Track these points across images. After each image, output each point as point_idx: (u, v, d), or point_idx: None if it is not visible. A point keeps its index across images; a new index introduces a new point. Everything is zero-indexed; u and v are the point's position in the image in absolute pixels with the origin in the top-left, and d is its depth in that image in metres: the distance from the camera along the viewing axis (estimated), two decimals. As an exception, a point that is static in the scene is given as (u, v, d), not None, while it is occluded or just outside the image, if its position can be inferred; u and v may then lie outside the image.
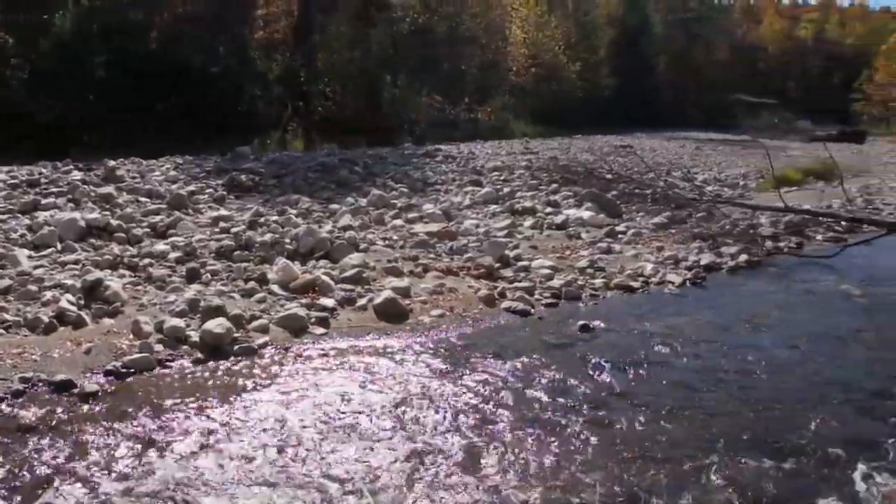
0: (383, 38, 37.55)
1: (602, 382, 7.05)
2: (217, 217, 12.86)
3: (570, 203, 16.32)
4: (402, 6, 38.58)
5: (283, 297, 8.85)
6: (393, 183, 18.39)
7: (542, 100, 49.93)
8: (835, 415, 6.54)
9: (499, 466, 5.39)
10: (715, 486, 5.26)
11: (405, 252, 11.47)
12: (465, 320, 8.71)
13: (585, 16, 61.61)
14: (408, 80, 37.98)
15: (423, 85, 39.30)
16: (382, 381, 6.76)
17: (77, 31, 26.30)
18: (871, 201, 19.75)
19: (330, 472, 5.17)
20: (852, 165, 31.18)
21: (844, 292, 10.99)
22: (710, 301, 10.22)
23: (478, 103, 42.67)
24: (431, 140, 32.63)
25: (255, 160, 20.83)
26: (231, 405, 6.14)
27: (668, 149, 36.97)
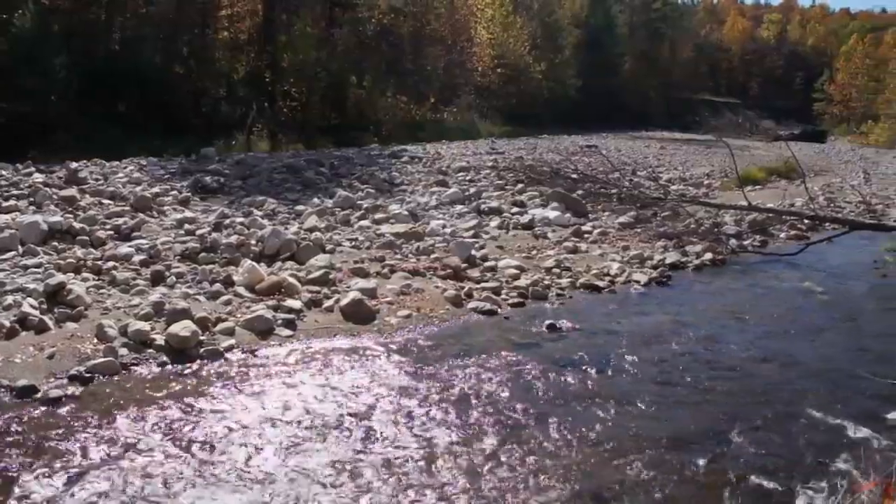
0: (349, 39, 37.42)
1: (568, 381, 7.08)
2: (182, 219, 12.76)
3: (536, 203, 16.39)
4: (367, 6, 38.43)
5: (249, 300, 8.80)
6: (359, 184, 18.35)
7: (508, 100, 50.07)
8: (800, 409, 6.63)
9: (467, 465, 5.40)
10: (681, 481, 5.30)
11: (372, 253, 11.46)
12: (431, 321, 8.72)
13: (550, 16, 61.77)
14: (373, 81, 37.92)
15: (388, 85, 39.24)
16: (350, 383, 6.75)
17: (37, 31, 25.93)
18: (833, 200, 20.04)
19: (298, 473, 5.16)
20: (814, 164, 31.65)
21: (807, 289, 11.16)
22: (675, 299, 10.32)
23: (444, 104, 42.70)
24: (397, 141, 32.62)
25: (220, 161, 20.68)
26: (197, 408, 6.09)
27: (633, 148, 37.23)
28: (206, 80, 31.21)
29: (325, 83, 35.09)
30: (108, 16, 29.39)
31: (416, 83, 41.75)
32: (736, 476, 5.42)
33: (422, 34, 42.77)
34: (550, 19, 61.76)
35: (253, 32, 35.21)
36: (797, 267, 12.48)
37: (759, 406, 6.71)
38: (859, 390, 7.05)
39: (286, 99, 33.79)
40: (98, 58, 26.91)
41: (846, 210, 18.38)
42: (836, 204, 19.44)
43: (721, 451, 5.78)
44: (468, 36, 47.56)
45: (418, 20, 42.56)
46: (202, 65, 31.41)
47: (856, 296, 11.12)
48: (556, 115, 51.43)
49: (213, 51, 32.76)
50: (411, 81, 41.31)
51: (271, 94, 33.36)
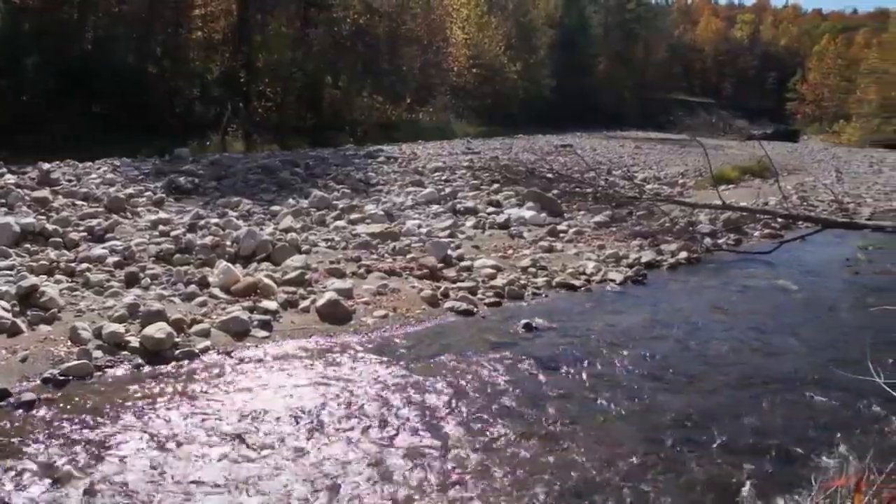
0: (324, 39, 37.34)
1: (544, 381, 7.10)
2: (156, 220, 12.70)
3: (511, 202, 16.43)
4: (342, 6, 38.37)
5: (224, 301, 8.76)
6: (334, 184, 18.33)
7: (484, 100, 50.21)
8: (774, 407, 6.69)
9: (442, 465, 5.40)
10: (658, 479, 5.33)
11: (348, 253, 11.44)
12: (408, 321, 8.72)
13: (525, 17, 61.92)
14: (349, 81, 37.89)
15: (364, 86, 39.21)
16: (326, 384, 6.74)
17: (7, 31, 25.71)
18: (806, 198, 20.21)
19: (272, 475, 5.14)
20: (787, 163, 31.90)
21: (782, 287, 11.26)
22: (651, 298, 10.37)
23: (419, 104, 42.72)
24: (373, 141, 32.60)
25: (195, 162, 20.57)
26: (172, 411, 6.06)
27: (608, 148, 37.36)
28: (180, 80, 31.10)
29: (301, 83, 35.07)
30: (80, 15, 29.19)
31: (392, 83, 41.74)
32: (709, 472, 5.46)
33: (397, 34, 42.76)
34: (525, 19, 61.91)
35: (227, 32, 35.08)
36: (771, 265, 12.58)
37: (733, 404, 6.76)
38: (833, 387, 7.11)
39: (261, 99, 33.74)
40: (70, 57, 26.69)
41: (819, 209, 18.53)
42: (809, 202, 19.61)
43: (696, 448, 5.82)
44: (444, 36, 47.60)
45: (394, 20, 42.54)
46: (176, 65, 31.28)
47: (829, 293, 11.22)
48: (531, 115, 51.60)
49: (187, 51, 32.64)
50: (387, 81, 41.29)
51: (246, 94, 33.28)
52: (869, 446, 5.62)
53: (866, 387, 5.27)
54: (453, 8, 49.49)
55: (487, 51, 51.86)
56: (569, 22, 67.53)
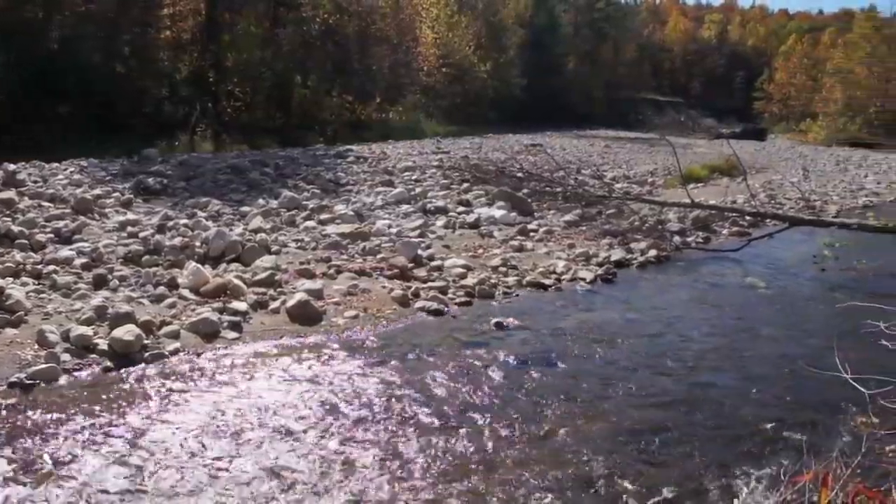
0: (293, 38, 37.17)
1: (515, 380, 7.13)
2: (124, 221, 12.58)
3: (482, 202, 16.45)
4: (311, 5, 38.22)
5: (194, 302, 8.72)
6: (304, 184, 18.26)
7: (454, 99, 50.20)
8: (743, 403, 6.76)
9: (412, 464, 5.40)
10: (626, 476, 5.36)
11: (318, 253, 11.42)
12: (379, 321, 8.72)
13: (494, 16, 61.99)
14: (318, 81, 37.75)
15: (333, 85, 39.08)
16: (296, 385, 6.72)
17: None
18: (774, 196, 20.42)
19: (241, 477, 5.12)
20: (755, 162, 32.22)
21: (750, 284, 11.39)
22: (620, 296, 10.44)
23: (389, 103, 42.64)
24: (343, 141, 32.50)
25: (163, 162, 20.41)
26: (141, 414, 6.02)
27: (577, 147, 37.51)
28: (148, 80, 30.78)
29: (270, 83, 34.89)
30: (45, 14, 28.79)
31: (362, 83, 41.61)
32: (678, 469, 5.51)
33: (367, 34, 42.61)
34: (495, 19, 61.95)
35: (196, 32, 34.79)
36: (740, 262, 12.71)
37: (701, 400, 6.83)
38: (800, 382, 7.21)
39: (230, 99, 33.52)
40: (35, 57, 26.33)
41: (786, 206, 18.73)
42: (777, 201, 19.81)
43: (664, 445, 5.86)
44: (413, 36, 47.54)
45: (363, 20, 42.39)
46: (144, 64, 30.97)
47: (796, 290, 11.35)
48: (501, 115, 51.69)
49: (155, 50, 32.30)
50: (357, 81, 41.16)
51: (215, 93, 33.06)
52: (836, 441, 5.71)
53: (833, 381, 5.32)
54: (423, 7, 49.42)
55: (457, 50, 51.84)
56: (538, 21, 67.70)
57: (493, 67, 55.08)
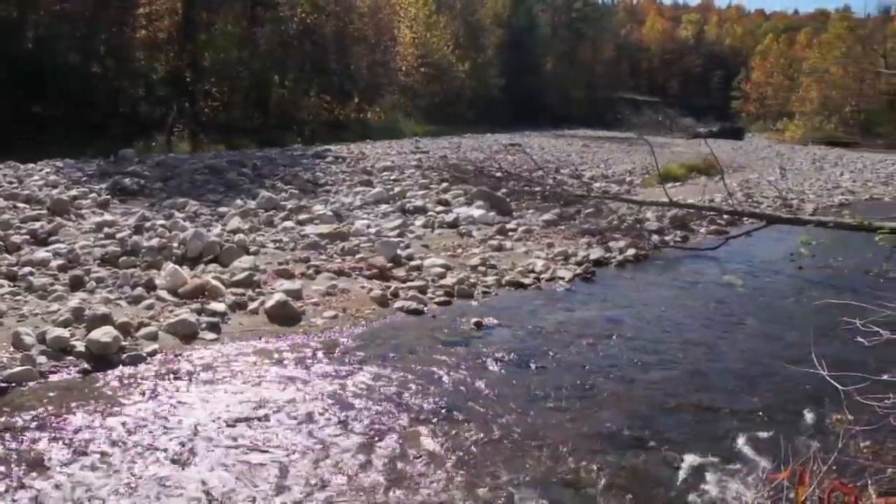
0: (271, 38, 37.07)
1: (495, 379, 7.13)
2: (101, 222, 12.48)
3: (460, 201, 16.45)
4: (289, 5, 38.12)
5: (172, 303, 8.66)
6: (282, 184, 18.22)
7: (432, 99, 50.26)
8: (721, 400, 6.80)
9: (392, 464, 5.39)
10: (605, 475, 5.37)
11: (296, 254, 11.38)
12: (358, 321, 8.70)
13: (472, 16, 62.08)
14: (296, 81, 37.67)
15: (311, 85, 39.01)
16: (275, 386, 6.69)
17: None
18: (751, 195, 20.56)
19: (219, 480, 5.09)
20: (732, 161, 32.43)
21: (728, 282, 11.46)
22: (599, 295, 10.46)
23: (367, 103, 42.59)
24: (321, 141, 32.47)
25: (140, 163, 20.30)
26: (118, 416, 5.97)
27: (556, 146, 37.62)
28: (124, 80, 30.64)
29: (248, 83, 34.80)
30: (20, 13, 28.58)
31: (340, 83, 41.58)
32: (656, 468, 5.53)
33: (345, 33, 42.56)
34: (473, 19, 62.09)
35: (172, 31, 34.65)
36: (717, 261, 12.78)
37: (680, 398, 6.85)
38: (777, 380, 7.25)
39: (207, 99, 33.40)
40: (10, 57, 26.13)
41: (763, 205, 18.85)
42: (754, 199, 19.94)
43: (643, 443, 5.88)
44: (392, 35, 47.52)
45: (341, 19, 42.34)
46: (120, 64, 30.83)
47: (774, 288, 11.42)
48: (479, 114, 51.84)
49: (131, 50, 32.15)
50: (335, 81, 41.12)
51: (192, 93, 32.93)
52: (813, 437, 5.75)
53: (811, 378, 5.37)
54: (401, 7, 49.41)
55: (435, 50, 51.91)
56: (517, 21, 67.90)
57: (471, 67, 55.23)
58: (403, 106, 46.66)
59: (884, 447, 4.73)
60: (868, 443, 4.81)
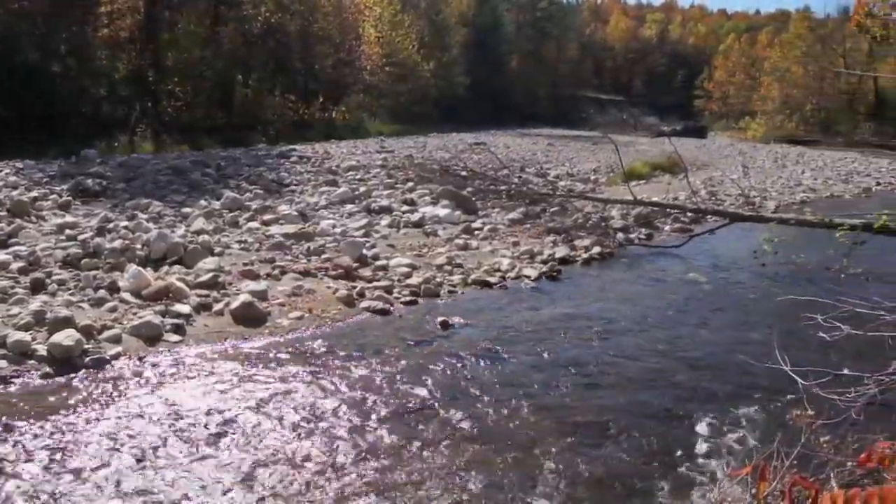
0: (234, 37, 36.83)
1: (461, 377, 7.15)
2: (62, 224, 12.34)
3: (426, 201, 16.46)
4: (252, 4, 37.90)
5: (135, 305, 8.57)
6: (247, 185, 18.12)
7: (397, 99, 50.19)
8: (685, 397, 6.86)
9: (356, 465, 5.38)
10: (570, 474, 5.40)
11: (261, 254, 11.32)
12: (324, 321, 8.68)
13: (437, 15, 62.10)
14: (260, 80, 37.47)
15: (276, 84, 38.83)
16: (240, 387, 6.66)
17: None
18: (714, 193, 20.73)
19: (184, 483, 5.06)
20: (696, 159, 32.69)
21: (692, 280, 11.56)
22: (565, 293, 10.51)
23: (332, 103, 42.46)
24: (286, 140, 32.32)
25: (103, 163, 20.08)
26: (82, 420, 5.90)
27: (521, 145, 37.74)
28: (86, 79, 30.28)
29: (211, 82, 34.56)
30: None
31: (305, 82, 41.42)
32: (621, 466, 5.56)
33: (309, 32, 42.39)
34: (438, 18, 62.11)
35: (134, 30, 34.27)
36: (682, 258, 12.88)
37: (645, 395, 6.90)
38: (741, 375, 7.32)
39: (171, 98, 33.11)
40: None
41: (727, 203, 19.01)
42: (718, 197, 20.12)
43: (609, 439, 5.92)
44: (356, 34, 47.36)
45: (305, 18, 42.17)
46: (82, 63, 30.45)
47: (737, 284, 11.54)
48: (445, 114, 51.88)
49: (93, 49, 31.75)
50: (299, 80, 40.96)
51: (155, 93, 32.63)
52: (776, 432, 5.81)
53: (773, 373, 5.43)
54: (366, 6, 49.26)
55: (401, 49, 51.85)
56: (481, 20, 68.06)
57: (436, 66, 55.28)
58: (368, 105, 46.58)
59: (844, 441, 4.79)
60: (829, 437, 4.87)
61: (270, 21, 38.76)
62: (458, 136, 41.25)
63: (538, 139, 43.96)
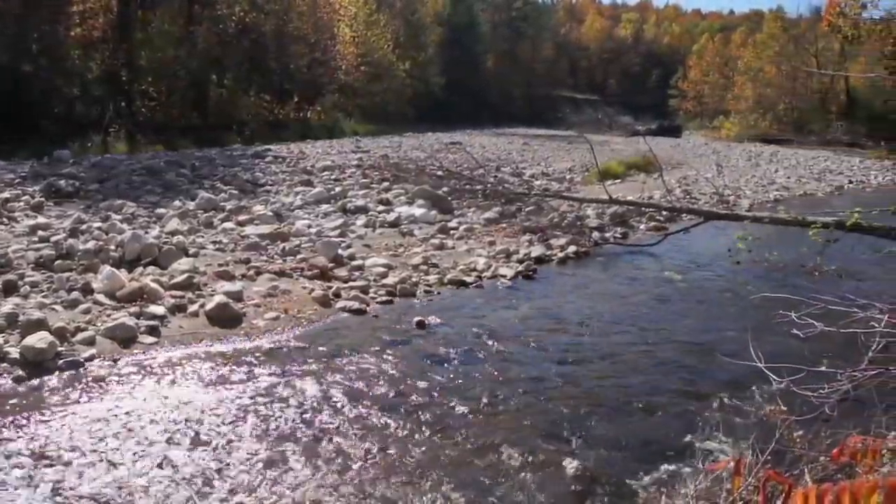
0: (208, 36, 36.64)
1: (437, 378, 7.14)
2: (35, 225, 12.22)
3: (402, 201, 16.45)
4: (226, 3, 37.72)
5: (109, 307, 8.51)
6: (222, 185, 18.04)
7: (373, 98, 50.14)
8: (660, 394, 6.90)
9: (333, 465, 5.37)
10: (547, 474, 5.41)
11: (236, 255, 11.27)
12: (300, 322, 8.65)
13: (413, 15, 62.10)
14: (235, 80, 37.30)
15: (251, 84, 38.67)
16: (215, 389, 6.62)
17: None
18: (689, 191, 20.86)
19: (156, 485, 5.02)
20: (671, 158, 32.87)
21: (668, 278, 11.63)
22: (541, 292, 10.53)
23: (307, 102, 42.35)
24: (260, 140, 32.21)
25: (76, 164, 19.93)
26: (55, 423, 5.85)
27: (496, 145, 37.79)
28: (58, 79, 29.99)
29: (185, 82, 34.34)
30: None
31: (280, 82, 41.29)
32: (597, 461, 5.58)
33: (284, 32, 42.25)
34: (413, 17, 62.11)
35: (107, 29, 34.00)
36: (657, 257, 12.94)
37: (621, 393, 6.93)
38: (716, 372, 7.38)
39: (144, 98, 32.89)
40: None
41: (701, 201, 19.14)
42: (692, 196, 20.25)
43: (585, 438, 5.94)
44: (331, 34, 47.28)
45: (280, 18, 42.04)
46: (54, 63, 30.16)
47: (712, 282, 11.62)
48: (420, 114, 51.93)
49: (65, 48, 31.46)
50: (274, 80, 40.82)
51: (129, 93, 32.38)
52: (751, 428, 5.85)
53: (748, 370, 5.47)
54: (341, 5, 49.16)
55: (376, 49, 51.82)
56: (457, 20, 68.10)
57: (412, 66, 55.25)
58: (344, 105, 46.48)
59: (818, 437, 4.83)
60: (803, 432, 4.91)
61: (245, 20, 38.61)
62: (434, 135, 41.26)
63: (514, 139, 44.05)
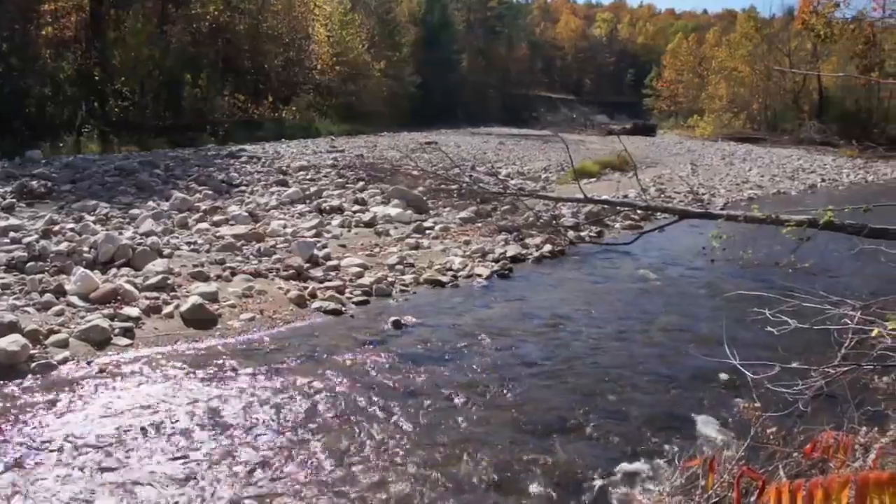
0: (182, 36, 36.42)
1: (414, 376, 7.14)
2: (6, 226, 12.09)
3: (377, 200, 16.44)
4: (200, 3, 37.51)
5: (83, 309, 8.44)
6: (196, 185, 17.93)
7: (348, 98, 50.02)
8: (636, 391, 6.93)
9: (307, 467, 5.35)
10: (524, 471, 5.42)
11: (211, 256, 11.20)
12: (275, 322, 8.62)
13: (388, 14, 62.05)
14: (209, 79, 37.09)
15: (225, 84, 38.48)
16: (191, 391, 6.59)
17: None
18: (664, 190, 20.96)
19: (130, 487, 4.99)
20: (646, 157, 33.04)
21: (643, 276, 11.70)
22: (516, 291, 10.55)
23: (282, 102, 42.21)
24: (235, 140, 32.10)
25: (48, 164, 19.79)
26: (28, 426, 5.79)
27: (472, 144, 37.80)
28: (29, 79, 29.72)
29: (159, 82, 34.07)
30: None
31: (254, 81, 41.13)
32: (576, 459, 5.59)
33: (258, 31, 42.11)
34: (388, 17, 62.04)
35: (80, 29, 33.74)
36: (632, 255, 12.99)
37: (596, 392, 6.95)
38: (691, 370, 7.42)
39: (118, 98, 32.60)
40: None
41: (676, 200, 19.25)
42: (667, 194, 20.35)
43: (561, 436, 5.95)
44: (306, 34, 47.17)
45: (254, 17, 41.88)
46: (25, 62, 29.89)
47: (687, 280, 11.69)
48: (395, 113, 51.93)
49: (36, 48, 31.19)
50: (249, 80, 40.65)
51: (101, 93, 32.10)
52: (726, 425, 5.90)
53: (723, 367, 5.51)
54: (315, 5, 49.04)
55: (351, 48, 51.71)
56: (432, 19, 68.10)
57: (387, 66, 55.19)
58: (319, 105, 46.34)
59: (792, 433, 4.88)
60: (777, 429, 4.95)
61: (219, 20, 38.43)
62: (409, 135, 41.27)
63: (489, 138, 44.11)
